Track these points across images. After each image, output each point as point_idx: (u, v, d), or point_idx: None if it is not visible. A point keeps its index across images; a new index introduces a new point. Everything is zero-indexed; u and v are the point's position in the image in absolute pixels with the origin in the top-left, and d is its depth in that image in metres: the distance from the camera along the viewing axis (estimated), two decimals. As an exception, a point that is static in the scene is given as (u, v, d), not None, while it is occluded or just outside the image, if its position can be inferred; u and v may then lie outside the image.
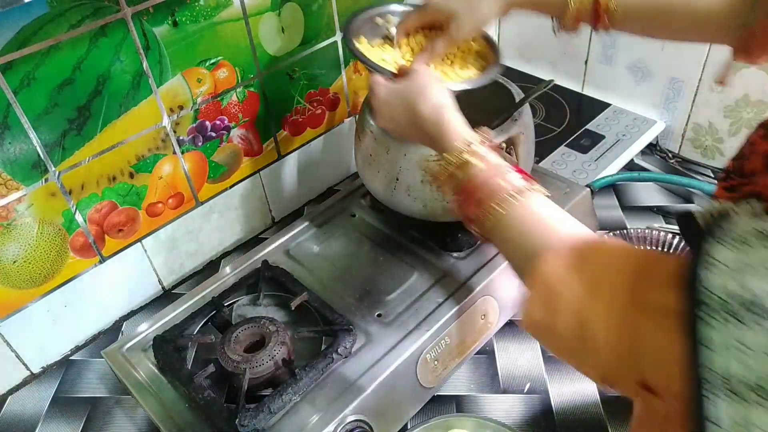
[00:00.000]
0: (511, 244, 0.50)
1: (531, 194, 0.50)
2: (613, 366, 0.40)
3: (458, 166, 0.54)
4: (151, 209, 0.83)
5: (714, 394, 0.32)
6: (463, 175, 0.53)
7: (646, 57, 1.08)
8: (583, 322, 0.41)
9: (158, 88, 0.76)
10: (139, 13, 0.70)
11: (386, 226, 0.88)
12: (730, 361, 0.31)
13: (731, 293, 0.31)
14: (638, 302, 0.38)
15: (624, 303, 0.39)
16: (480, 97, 0.93)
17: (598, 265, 0.43)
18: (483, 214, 0.51)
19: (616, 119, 1.12)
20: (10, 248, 0.71)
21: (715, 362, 0.32)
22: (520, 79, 1.26)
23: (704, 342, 0.32)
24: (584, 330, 0.41)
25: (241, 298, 0.80)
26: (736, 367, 0.31)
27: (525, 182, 0.51)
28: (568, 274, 0.43)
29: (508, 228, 0.50)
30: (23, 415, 0.75)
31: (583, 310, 0.41)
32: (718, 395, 0.31)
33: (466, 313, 0.74)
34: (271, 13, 0.83)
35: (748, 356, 0.30)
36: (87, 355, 0.83)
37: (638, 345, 0.37)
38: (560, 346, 0.46)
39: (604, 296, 0.40)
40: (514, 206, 0.49)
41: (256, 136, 0.90)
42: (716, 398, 0.32)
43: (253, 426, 0.62)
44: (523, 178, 0.51)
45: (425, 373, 0.71)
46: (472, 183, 0.52)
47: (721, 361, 0.31)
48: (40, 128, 0.68)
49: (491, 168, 0.52)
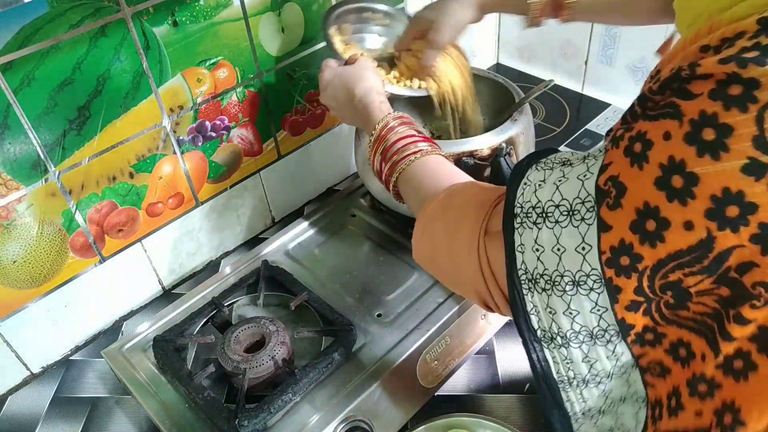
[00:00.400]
0: (411, 194, 0.59)
1: (430, 155, 0.59)
2: (482, 286, 0.46)
3: (377, 138, 0.62)
4: (151, 209, 0.83)
5: (530, 292, 0.40)
6: (381, 148, 0.62)
7: (646, 57, 1.08)
8: (452, 251, 0.49)
9: (158, 88, 0.76)
10: (139, 13, 0.70)
11: (386, 226, 0.88)
12: (534, 260, 0.39)
13: (533, 204, 0.39)
14: (486, 228, 0.45)
15: (475, 230, 0.46)
16: (480, 98, 0.93)
17: (460, 202, 0.51)
18: (392, 171, 0.60)
19: (616, 119, 1.12)
20: (10, 248, 0.71)
21: (526, 264, 0.40)
22: (520, 79, 1.26)
23: (518, 248, 0.40)
24: (453, 257, 0.49)
25: (241, 298, 0.80)
26: (539, 265, 0.39)
27: (429, 147, 0.59)
28: (440, 212, 0.52)
29: (409, 181, 0.59)
30: (23, 415, 0.75)
31: (451, 241, 0.49)
32: (532, 292, 0.40)
33: (466, 313, 0.74)
34: (271, 13, 0.83)
35: (543, 253, 0.39)
36: (87, 355, 0.83)
37: (491, 264, 0.45)
38: (443, 274, 0.55)
39: (463, 227, 0.48)
40: (414, 163, 0.58)
41: (256, 136, 0.90)
42: (531, 295, 0.40)
43: (253, 426, 0.62)
44: (428, 144, 0.60)
45: (425, 373, 0.71)
46: (387, 153, 0.61)
47: (529, 262, 0.40)
48: (40, 128, 0.68)
49: (402, 139, 0.61)
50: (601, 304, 0.37)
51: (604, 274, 0.35)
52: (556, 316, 0.39)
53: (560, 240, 0.37)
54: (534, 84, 0.79)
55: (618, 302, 0.36)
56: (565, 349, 0.40)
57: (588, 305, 0.37)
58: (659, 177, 0.32)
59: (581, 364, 0.40)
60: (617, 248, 0.34)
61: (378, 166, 0.63)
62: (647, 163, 0.32)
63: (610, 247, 0.35)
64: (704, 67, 0.30)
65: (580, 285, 0.37)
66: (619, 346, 0.38)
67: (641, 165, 0.33)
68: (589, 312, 0.37)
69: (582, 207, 0.36)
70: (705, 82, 0.30)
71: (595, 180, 0.36)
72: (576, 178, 0.37)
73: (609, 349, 0.38)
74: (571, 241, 0.37)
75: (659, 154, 0.32)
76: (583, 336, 0.39)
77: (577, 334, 0.39)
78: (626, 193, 0.33)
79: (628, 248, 0.34)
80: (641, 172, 0.33)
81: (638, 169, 0.33)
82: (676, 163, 0.31)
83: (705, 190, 0.30)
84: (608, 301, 0.36)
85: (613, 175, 0.34)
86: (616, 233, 0.34)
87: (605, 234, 0.35)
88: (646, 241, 0.33)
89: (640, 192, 0.33)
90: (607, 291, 0.36)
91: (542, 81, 0.79)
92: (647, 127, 0.33)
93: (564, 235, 0.37)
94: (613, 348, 0.38)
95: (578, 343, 0.39)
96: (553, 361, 0.41)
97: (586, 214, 0.36)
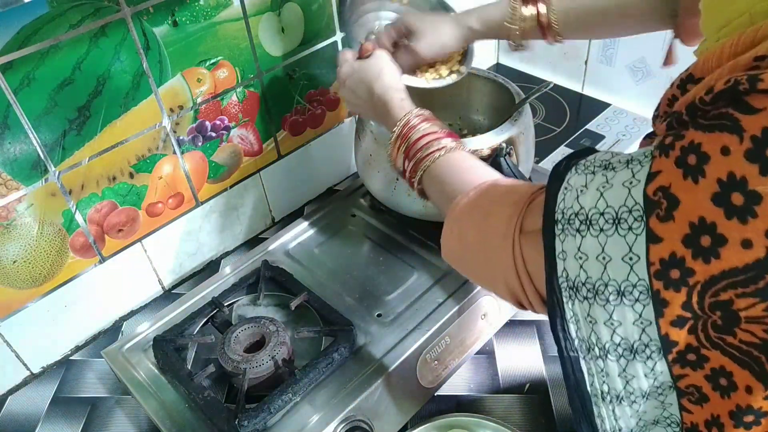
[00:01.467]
0: (438, 193, 0.58)
1: (456, 151, 0.58)
2: (516, 285, 0.46)
3: (399, 136, 0.62)
4: (151, 209, 0.83)
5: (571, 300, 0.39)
6: (403, 145, 0.61)
7: (646, 57, 1.08)
8: (483, 248, 0.49)
9: (158, 88, 0.76)
10: (139, 13, 0.70)
11: (386, 226, 0.88)
12: (577, 268, 0.38)
13: (575, 211, 0.38)
14: (521, 227, 0.45)
15: (510, 227, 0.45)
16: (480, 98, 0.93)
17: (491, 200, 0.50)
18: (416, 169, 0.59)
19: (616, 119, 1.12)
20: (10, 248, 0.71)
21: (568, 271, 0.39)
22: (520, 79, 1.26)
23: (559, 255, 0.39)
24: (485, 254, 0.49)
25: (241, 298, 0.80)
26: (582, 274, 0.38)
27: (453, 143, 0.58)
28: (471, 210, 0.51)
29: (433, 179, 0.58)
30: (23, 415, 0.75)
31: (483, 240, 0.49)
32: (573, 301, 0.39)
33: (466, 313, 0.74)
34: (271, 13, 0.83)
35: (587, 262, 0.38)
36: (87, 355, 0.83)
37: (527, 263, 0.44)
38: (473, 272, 0.54)
39: (496, 226, 0.47)
40: (438, 160, 0.58)
41: (256, 136, 0.90)
42: (572, 303, 0.39)
43: (253, 426, 0.62)
44: (452, 140, 0.59)
45: (425, 373, 0.71)
46: (410, 150, 0.60)
47: (571, 270, 0.39)
48: (40, 128, 0.68)
49: (425, 136, 0.60)
50: (645, 317, 0.35)
51: (652, 285, 0.34)
52: (596, 326, 0.38)
53: (605, 249, 0.36)
54: (534, 84, 0.79)
55: (663, 316, 0.35)
56: (602, 361, 0.39)
57: (631, 317, 0.36)
58: (717, 193, 0.31)
59: (617, 378, 0.39)
60: (667, 261, 0.33)
61: (401, 165, 0.62)
62: (703, 177, 0.31)
63: (660, 259, 0.34)
64: (766, 82, 0.29)
65: (625, 295, 0.36)
66: (659, 364, 0.37)
67: (696, 178, 0.31)
68: (631, 324, 0.36)
69: (629, 216, 0.35)
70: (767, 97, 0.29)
71: (643, 188, 0.34)
72: (621, 184, 0.36)
73: (648, 366, 0.37)
74: (618, 251, 0.36)
75: (717, 169, 0.31)
76: (623, 349, 0.38)
77: (617, 347, 0.38)
78: (679, 205, 0.32)
79: (680, 262, 0.33)
80: (696, 185, 0.31)
81: (693, 183, 0.32)
82: (737, 180, 0.30)
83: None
84: (653, 314, 0.35)
85: (663, 186, 0.33)
86: (667, 245, 0.33)
87: (655, 245, 0.34)
88: (699, 256, 0.32)
89: (695, 206, 0.32)
90: (653, 303, 0.35)
91: (542, 81, 0.79)
92: (701, 139, 0.32)
93: (609, 243, 0.36)
94: (652, 365, 0.37)
95: (616, 356, 0.38)
96: (588, 372, 0.40)
97: (633, 223, 0.35)
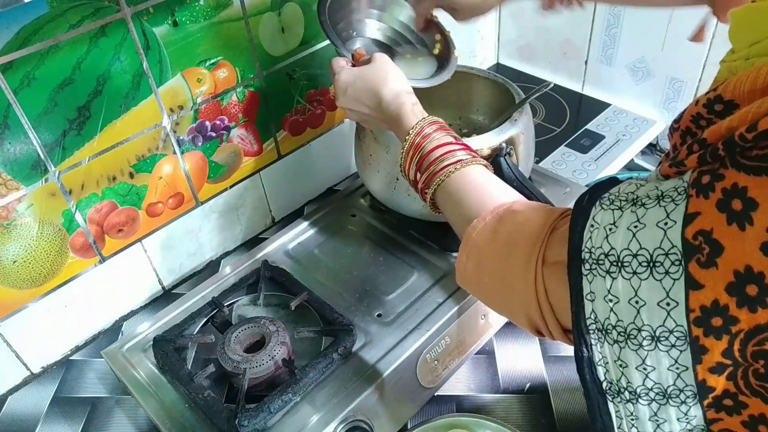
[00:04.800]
0: (452, 209, 0.56)
1: (470, 165, 0.55)
2: (537, 317, 0.45)
3: (411, 146, 0.59)
4: (151, 209, 0.83)
5: (600, 342, 0.38)
6: (416, 155, 0.58)
7: (646, 57, 1.08)
8: (503, 277, 0.47)
9: (158, 88, 0.76)
10: (139, 13, 0.70)
11: (386, 226, 0.88)
12: (607, 311, 0.36)
13: (604, 251, 0.36)
14: (543, 257, 0.43)
15: (532, 258, 0.44)
16: (480, 98, 0.93)
17: (511, 227, 0.48)
18: (429, 182, 0.57)
19: (616, 119, 1.12)
20: (10, 248, 0.71)
21: (597, 313, 0.37)
22: (520, 79, 1.26)
23: (587, 296, 0.38)
24: (505, 283, 0.47)
25: (241, 298, 0.80)
26: (612, 317, 0.36)
27: (468, 156, 0.56)
28: (490, 235, 0.49)
29: (449, 194, 0.56)
30: (23, 415, 0.75)
31: (503, 269, 0.47)
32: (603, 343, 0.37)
33: (466, 313, 0.74)
34: (271, 13, 0.83)
35: (618, 305, 0.36)
36: (87, 355, 0.83)
37: (549, 295, 0.43)
38: (490, 298, 0.53)
39: (516, 253, 0.45)
40: (455, 176, 0.55)
41: (256, 136, 0.90)
42: (601, 345, 0.38)
43: (253, 426, 0.62)
44: (467, 153, 0.56)
45: (425, 373, 0.71)
46: (423, 161, 0.58)
47: (600, 312, 0.37)
48: (40, 128, 0.68)
49: (440, 147, 0.57)
50: (681, 363, 0.34)
51: (691, 332, 0.33)
52: (627, 370, 0.37)
53: (639, 293, 0.35)
54: (534, 84, 0.79)
55: (701, 363, 0.33)
56: (632, 404, 0.37)
57: (666, 362, 0.35)
58: (766, 242, 0.29)
59: (647, 422, 0.37)
60: (709, 308, 0.32)
61: (412, 176, 0.60)
62: (750, 224, 0.30)
63: (701, 306, 0.32)
64: None
65: (660, 340, 0.34)
66: (693, 409, 0.35)
67: (743, 225, 0.30)
68: (666, 369, 0.35)
69: (665, 259, 0.33)
70: None
71: (681, 231, 0.33)
72: (655, 225, 0.34)
73: (681, 410, 0.36)
74: (653, 295, 0.34)
75: (766, 217, 0.29)
76: (655, 393, 0.36)
77: (649, 391, 0.36)
78: (723, 252, 0.31)
79: (723, 310, 0.31)
80: (743, 233, 0.30)
81: (738, 229, 0.30)
82: None
83: None
84: (690, 361, 0.34)
85: (704, 230, 0.32)
86: (709, 293, 0.32)
87: (695, 292, 0.32)
88: (744, 305, 0.31)
89: (741, 254, 0.30)
90: (690, 350, 0.33)
91: (542, 81, 0.79)
92: (746, 182, 0.30)
93: (644, 288, 0.34)
94: (686, 410, 0.36)
95: (648, 400, 0.37)
96: (616, 415, 0.39)
97: (670, 267, 0.33)
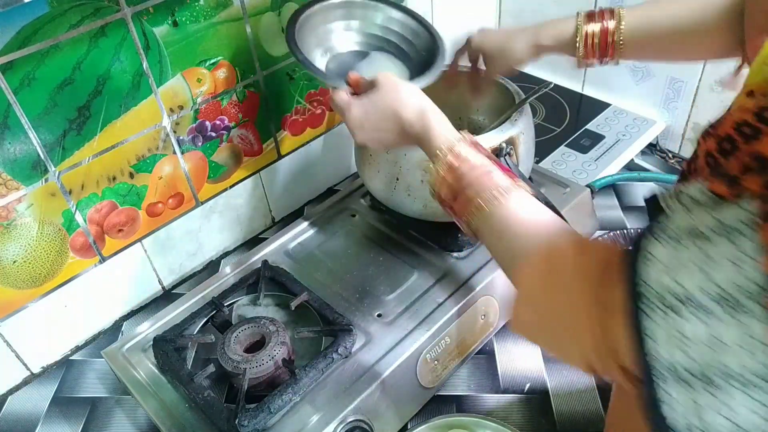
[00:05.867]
0: (495, 244, 0.53)
1: (513, 193, 0.52)
2: (596, 358, 0.43)
3: (446, 170, 0.55)
4: (151, 209, 0.83)
5: (664, 381, 0.35)
6: (451, 178, 0.55)
7: (646, 57, 1.08)
8: (562, 323, 0.46)
9: (158, 88, 0.76)
10: (139, 13, 0.70)
11: (386, 226, 0.88)
12: (674, 351, 0.34)
13: (667, 287, 0.34)
14: (601, 301, 0.41)
15: (591, 303, 0.42)
16: (480, 98, 0.93)
17: (561, 271, 0.46)
18: (469, 213, 0.53)
19: (616, 119, 1.12)
20: (10, 248, 0.71)
21: (660, 352, 0.35)
22: (520, 79, 1.25)
23: (647, 333, 0.35)
24: (564, 329, 0.46)
25: (241, 298, 0.80)
26: (680, 357, 0.34)
27: (508, 181, 0.52)
28: (541, 282, 0.47)
29: (492, 228, 0.52)
30: (23, 415, 0.75)
31: (562, 314, 0.46)
32: (668, 383, 0.35)
33: (466, 313, 0.74)
34: (271, 13, 0.83)
35: (689, 347, 0.33)
36: (87, 355, 0.83)
37: (610, 339, 0.41)
38: (547, 343, 0.51)
39: (574, 299, 0.44)
40: (496, 206, 0.51)
41: (256, 136, 0.90)
42: (666, 385, 0.35)
43: (253, 426, 0.62)
44: (506, 176, 0.53)
45: (425, 373, 0.71)
46: (459, 184, 0.54)
47: (665, 351, 0.34)
48: (40, 128, 0.68)
49: (475, 168, 0.53)
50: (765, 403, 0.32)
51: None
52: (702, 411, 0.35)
53: (716, 333, 0.33)
54: (534, 84, 0.79)
55: None
56: None
57: (749, 404, 0.33)
58: None
59: None
60: None
61: (446, 196, 0.56)
62: None
63: None
64: None
65: (745, 385, 0.33)
66: None
67: None
68: (750, 412, 0.33)
69: (748, 301, 0.31)
70: None
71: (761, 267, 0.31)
72: (728, 261, 0.32)
73: None
74: (733, 337, 0.32)
75: None
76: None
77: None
78: None
79: None
80: None
81: None
82: None
83: None
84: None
85: None
86: None
87: None
88: None
89: None
90: None
91: (542, 81, 0.79)
92: None
93: (722, 328, 0.32)
94: None
95: None
96: None
97: (754, 307, 0.31)
